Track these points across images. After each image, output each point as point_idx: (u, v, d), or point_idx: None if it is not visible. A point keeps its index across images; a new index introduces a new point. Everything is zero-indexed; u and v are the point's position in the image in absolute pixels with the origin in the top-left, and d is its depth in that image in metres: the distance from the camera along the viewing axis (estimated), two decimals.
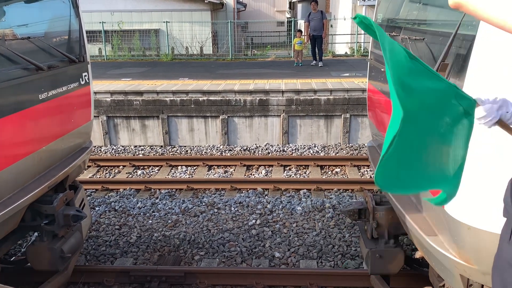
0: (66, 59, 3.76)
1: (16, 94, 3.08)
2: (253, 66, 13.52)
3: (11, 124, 3.01)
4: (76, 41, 4.02)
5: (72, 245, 3.71)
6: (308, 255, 4.68)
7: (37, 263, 3.61)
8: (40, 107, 3.36)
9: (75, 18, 4.01)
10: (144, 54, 16.63)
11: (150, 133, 9.01)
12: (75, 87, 3.91)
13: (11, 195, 3.07)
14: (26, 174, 3.28)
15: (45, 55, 3.52)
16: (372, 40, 4.50)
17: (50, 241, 3.58)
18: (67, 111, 3.83)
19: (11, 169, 3.03)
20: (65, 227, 3.61)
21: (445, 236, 2.43)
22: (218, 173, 7.37)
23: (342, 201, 5.99)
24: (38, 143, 3.39)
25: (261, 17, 32.15)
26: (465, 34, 2.16)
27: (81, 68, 4.02)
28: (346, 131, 8.69)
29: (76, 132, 4.00)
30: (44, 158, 3.50)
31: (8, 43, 3.07)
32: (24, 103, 3.17)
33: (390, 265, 3.49)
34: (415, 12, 3.33)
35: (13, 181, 3.11)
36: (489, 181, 1.96)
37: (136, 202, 6.08)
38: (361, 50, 15.76)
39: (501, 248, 1.50)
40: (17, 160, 3.11)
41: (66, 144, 3.87)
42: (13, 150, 3.09)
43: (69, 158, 3.92)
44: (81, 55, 4.00)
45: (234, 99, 8.75)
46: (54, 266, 3.58)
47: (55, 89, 3.56)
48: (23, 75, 3.14)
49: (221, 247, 4.85)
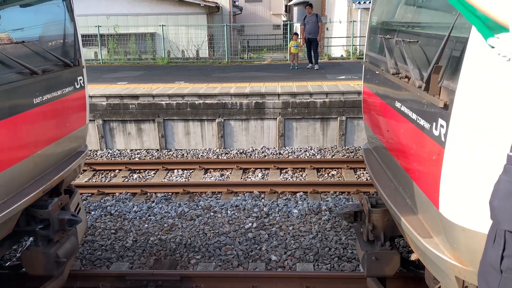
0: (61, 63, 3.75)
1: (11, 99, 3.07)
2: (249, 69, 13.54)
3: (5, 129, 2.99)
4: (71, 45, 4.01)
5: (67, 249, 3.68)
6: (305, 258, 4.67)
7: (32, 268, 3.58)
8: (35, 112, 3.35)
9: (70, 22, 4.00)
10: (140, 58, 16.62)
11: (146, 136, 8.99)
12: (70, 91, 3.89)
13: (5, 199, 3.05)
14: (21, 179, 3.26)
15: (39, 59, 3.51)
16: (367, 42, 4.51)
17: (45, 246, 3.55)
18: (62, 115, 3.81)
19: (5, 174, 3.01)
20: (60, 231, 3.59)
21: (440, 238, 2.44)
22: (214, 176, 7.37)
23: (339, 203, 5.99)
24: (33, 148, 3.38)
25: (257, 20, 32.20)
26: (458, 36, 2.17)
27: (76, 72, 4.01)
28: (342, 133, 8.70)
29: (71, 136, 3.98)
30: (39, 163, 3.48)
31: (1, 47, 3.06)
32: (19, 108, 3.16)
33: (386, 267, 3.49)
34: (410, 14, 3.34)
35: (8, 185, 3.09)
36: (483, 184, 1.96)
37: (132, 206, 6.06)
38: (357, 53, 15.81)
39: (485, 252, 1.50)
40: (11, 164, 3.09)
41: (61, 148, 3.85)
42: (8, 154, 3.07)
43: (64, 162, 3.91)
44: (76, 59, 3.99)
45: (230, 102, 8.75)
46: (49, 271, 3.55)
47: (50, 93, 3.55)
48: (17, 79, 3.13)
49: (217, 250, 4.83)
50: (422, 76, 2.53)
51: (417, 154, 2.71)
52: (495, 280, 1.43)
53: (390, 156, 3.46)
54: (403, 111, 2.98)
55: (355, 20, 16.23)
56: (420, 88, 2.44)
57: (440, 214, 2.29)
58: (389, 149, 3.53)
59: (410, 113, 2.82)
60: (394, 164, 3.34)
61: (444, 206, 2.26)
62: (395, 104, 3.18)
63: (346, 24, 16.78)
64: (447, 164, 2.18)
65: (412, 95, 2.73)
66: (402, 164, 3.12)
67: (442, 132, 2.22)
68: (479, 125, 2.00)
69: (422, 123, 2.57)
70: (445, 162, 2.19)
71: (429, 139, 2.43)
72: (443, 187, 2.23)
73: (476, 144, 2.02)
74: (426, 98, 2.45)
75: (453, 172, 2.16)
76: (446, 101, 2.18)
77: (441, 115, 2.25)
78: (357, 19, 16.35)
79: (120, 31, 16.69)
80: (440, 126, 2.26)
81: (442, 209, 2.27)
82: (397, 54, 3.19)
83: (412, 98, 2.76)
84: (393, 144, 3.42)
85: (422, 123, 2.56)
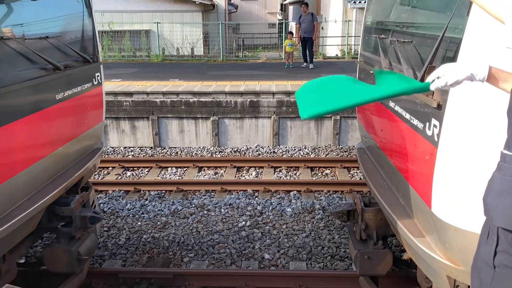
0: (81, 59, 3.73)
1: (36, 94, 3.07)
2: (244, 67, 13.52)
3: (31, 124, 3.00)
4: (90, 41, 3.99)
5: (88, 247, 3.68)
6: (298, 256, 4.68)
7: (53, 265, 3.57)
8: (57, 107, 3.35)
9: (88, 17, 3.99)
10: (134, 55, 16.54)
11: (140, 134, 8.96)
12: (89, 87, 3.89)
13: (29, 196, 3.05)
14: (44, 176, 3.26)
15: (60, 55, 3.49)
16: (362, 42, 4.52)
17: (67, 243, 3.55)
18: (81, 111, 3.82)
19: (29, 170, 3.01)
20: (81, 229, 3.58)
21: (432, 238, 2.45)
22: (208, 174, 7.36)
23: (332, 202, 6.01)
24: (56, 144, 3.38)
25: (253, 18, 32.15)
26: (452, 37, 2.18)
27: (94, 68, 3.99)
28: (336, 133, 8.73)
29: (90, 133, 3.97)
30: (60, 160, 3.47)
31: (28, 42, 3.03)
32: (43, 103, 3.16)
33: (378, 266, 3.51)
34: (404, 15, 3.36)
35: (32, 182, 3.09)
36: (475, 183, 1.98)
37: (125, 204, 6.04)
38: (352, 53, 15.84)
39: (479, 248, 1.52)
40: (36, 160, 3.09)
41: (81, 145, 3.84)
42: (34, 150, 3.07)
43: (83, 159, 3.90)
44: (94, 55, 3.98)
45: (225, 100, 8.74)
46: (71, 268, 3.55)
47: (70, 89, 3.55)
48: (41, 75, 3.12)
49: (210, 249, 4.83)
50: (416, 76, 2.54)
51: (410, 153, 2.72)
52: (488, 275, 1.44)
53: (384, 156, 3.47)
54: (396, 110, 2.99)
55: (350, 20, 16.27)
56: None
57: (432, 213, 2.30)
58: (382, 148, 3.55)
59: (403, 112, 2.83)
60: (388, 164, 3.35)
61: (437, 206, 2.27)
62: (388, 104, 3.19)
63: (341, 23, 16.81)
64: (439, 164, 2.20)
65: (406, 95, 2.73)
66: (395, 164, 3.13)
67: (435, 132, 2.23)
68: (472, 125, 2.01)
69: (415, 123, 2.58)
70: (438, 162, 2.20)
71: (422, 139, 2.44)
72: (436, 186, 2.25)
73: (468, 144, 2.04)
74: (419, 98, 2.46)
75: (446, 171, 2.17)
76: (439, 101, 2.19)
77: (434, 115, 2.26)
78: (352, 18, 16.38)
79: (114, 28, 16.58)
80: (433, 126, 2.27)
81: (434, 208, 2.29)
82: (392, 54, 3.21)
83: (405, 98, 2.78)
84: (386, 144, 3.44)
85: (416, 123, 2.57)
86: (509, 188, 1.37)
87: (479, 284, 1.49)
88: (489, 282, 1.44)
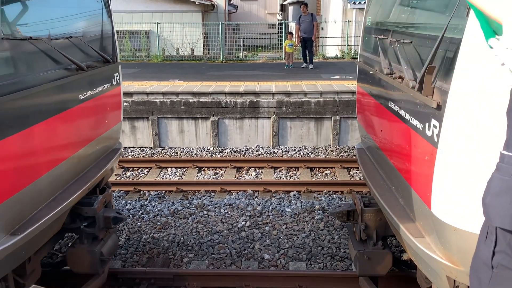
0: (101, 59, 3.73)
1: (61, 94, 3.08)
2: (244, 68, 13.52)
3: (56, 124, 2.99)
4: (109, 41, 3.99)
5: (110, 247, 3.68)
6: (298, 257, 4.68)
7: (77, 266, 3.57)
8: (80, 107, 3.35)
9: (107, 17, 3.99)
10: (134, 55, 16.54)
11: (139, 134, 8.96)
12: (108, 88, 3.89)
13: (54, 196, 3.04)
14: (67, 176, 3.26)
15: (82, 55, 3.49)
16: (362, 42, 4.53)
17: (90, 244, 3.54)
18: (102, 111, 3.82)
19: (54, 171, 3.00)
20: (104, 229, 3.58)
21: (431, 238, 2.45)
22: (208, 175, 7.36)
23: (332, 203, 6.00)
24: (79, 144, 3.37)
25: (252, 19, 32.17)
26: (452, 37, 2.18)
27: (113, 68, 3.99)
28: (336, 133, 8.73)
29: (109, 133, 3.97)
30: (82, 160, 3.47)
31: (53, 43, 3.03)
32: (68, 103, 3.17)
33: (378, 266, 3.51)
34: (404, 15, 3.36)
35: (56, 182, 3.08)
36: (475, 184, 1.98)
37: (125, 204, 6.04)
38: (352, 53, 15.84)
39: (478, 248, 1.52)
40: (61, 161, 3.08)
41: (101, 145, 3.85)
42: (59, 150, 3.07)
43: (103, 159, 3.89)
44: (114, 55, 3.98)
45: (224, 100, 8.74)
46: (94, 269, 3.54)
47: (92, 90, 3.55)
48: (65, 75, 3.12)
49: (210, 249, 4.83)
50: (415, 76, 2.54)
51: (410, 154, 2.72)
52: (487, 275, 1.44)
53: (383, 156, 3.47)
54: (396, 111, 2.99)
55: (350, 20, 16.27)
56: (414, 89, 2.45)
57: (432, 214, 2.30)
58: (382, 149, 3.55)
59: (403, 113, 2.83)
60: (387, 164, 3.35)
61: (436, 206, 2.27)
62: (388, 104, 3.19)
63: (341, 24, 16.81)
64: (439, 164, 2.20)
65: (406, 96, 2.74)
66: (395, 164, 3.13)
67: (435, 133, 2.23)
68: (471, 125, 2.01)
69: (415, 124, 2.58)
70: (438, 162, 2.20)
71: (422, 139, 2.44)
72: (436, 187, 2.25)
73: (468, 145, 2.04)
74: (419, 99, 2.46)
75: (446, 172, 2.17)
76: (439, 102, 2.19)
77: (434, 116, 2.26)
78: (352, 19, 16.39)
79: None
80: (433, 126, 2.27)
81: (434, 209, 2.29)
82: (391, 54, 3.21)
83: (405, 99, 2.78)
84: (386, 144, 3.44)
85: (415, 123, 2.57)
86: (508, 188, 1.37)
87: (478, 285, 1.49)
88: (487, 283, 1.44)
